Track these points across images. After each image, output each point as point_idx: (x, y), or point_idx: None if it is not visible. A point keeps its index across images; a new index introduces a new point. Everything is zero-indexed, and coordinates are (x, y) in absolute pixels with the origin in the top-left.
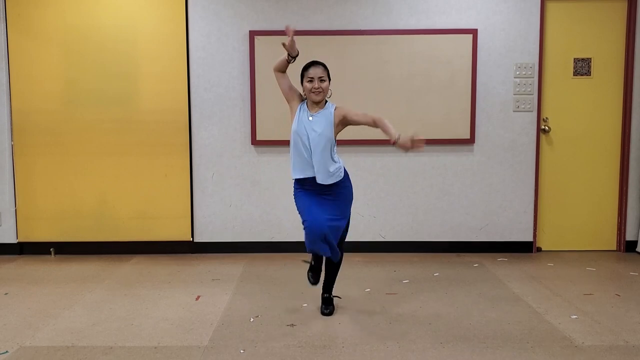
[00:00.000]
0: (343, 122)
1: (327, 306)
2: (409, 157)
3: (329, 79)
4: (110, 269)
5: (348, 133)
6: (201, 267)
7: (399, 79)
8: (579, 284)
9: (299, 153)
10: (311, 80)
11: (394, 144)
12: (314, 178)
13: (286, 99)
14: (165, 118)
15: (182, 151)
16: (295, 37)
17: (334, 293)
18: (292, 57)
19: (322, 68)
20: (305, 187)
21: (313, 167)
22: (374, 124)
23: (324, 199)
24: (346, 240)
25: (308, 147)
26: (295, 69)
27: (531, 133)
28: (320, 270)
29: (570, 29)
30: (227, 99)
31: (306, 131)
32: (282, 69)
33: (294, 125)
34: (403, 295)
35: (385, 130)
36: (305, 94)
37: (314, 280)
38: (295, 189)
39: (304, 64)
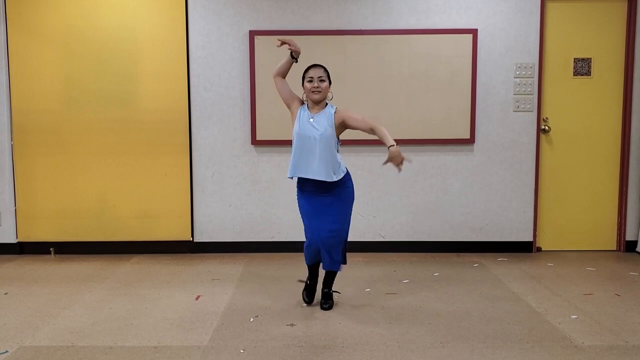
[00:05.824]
0: (342, 125)
1: (327, 301)
2: (408, 157)
3: (330, 81)
4: (110, 268)
5: (349, 133)
6: (201, 266)
7: (399, 79)
8: (579, 284)
9: (300, 154)
10: (311, 81)
11: (390, 147)
12: (314, 180)
13: (286, 104)
14: (165, 117)
15: (182, 151)
16: (296, 37)
17: (333, 288)
18: (295, 57)
19: (322, 69)
20: (306, 190)
21: (313, 167)
22: (371, 131)
23: (324, 204)
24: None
25: (311, 147)
26: (296, 74)
27: (531, 133)
28: (315, 290)
29: (571, 29)
30: (227, 99)
31: (308, 132)
32: (284, 73)
33: (295, 127)
34: (403, 295)
35: (382, 137)
36: (305, 95)
37: (308, 299)
38: (298, 193)
39: (306, 67)
